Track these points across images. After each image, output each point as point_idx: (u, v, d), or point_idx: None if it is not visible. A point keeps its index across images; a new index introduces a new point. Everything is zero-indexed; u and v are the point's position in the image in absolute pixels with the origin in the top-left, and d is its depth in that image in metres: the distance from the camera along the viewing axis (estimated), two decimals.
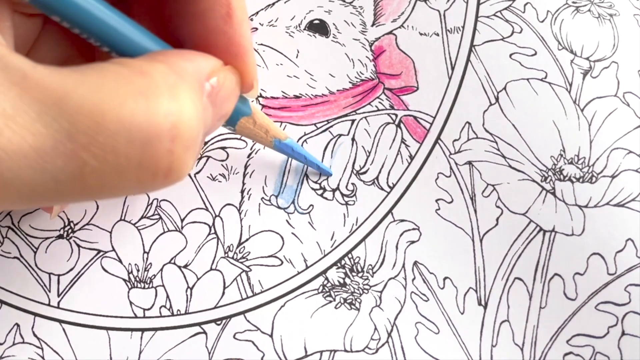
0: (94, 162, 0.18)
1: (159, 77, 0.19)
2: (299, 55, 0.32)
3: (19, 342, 0.29)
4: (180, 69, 0.20)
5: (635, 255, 0.29)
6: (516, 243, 0.30)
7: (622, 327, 0.29)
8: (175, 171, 0.19)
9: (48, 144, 0.17)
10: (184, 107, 0.19)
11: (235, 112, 0.26)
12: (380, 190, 0.31)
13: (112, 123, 0.17)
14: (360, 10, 0.32)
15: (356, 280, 0.30)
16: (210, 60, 0.22)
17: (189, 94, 0.19)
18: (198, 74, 0.21)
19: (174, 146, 0.19)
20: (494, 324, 0.29)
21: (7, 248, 0.30)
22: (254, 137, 0.28)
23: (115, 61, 0.19)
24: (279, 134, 0.29)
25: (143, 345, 0.29)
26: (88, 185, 0.18)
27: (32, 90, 0.17)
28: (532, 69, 0.31)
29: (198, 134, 0.20)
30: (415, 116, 0.31)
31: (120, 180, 0.18)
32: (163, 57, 0.20)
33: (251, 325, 0.30)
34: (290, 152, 0.29)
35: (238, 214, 0.31)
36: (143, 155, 0.18)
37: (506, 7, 0.32)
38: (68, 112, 0.17)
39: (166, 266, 0.30)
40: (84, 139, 0.17)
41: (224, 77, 0.23)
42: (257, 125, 0.28)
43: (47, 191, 0.18)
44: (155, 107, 0.18)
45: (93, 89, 0.18)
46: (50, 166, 0.17)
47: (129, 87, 0.18)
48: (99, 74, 0.18)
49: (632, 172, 0.30)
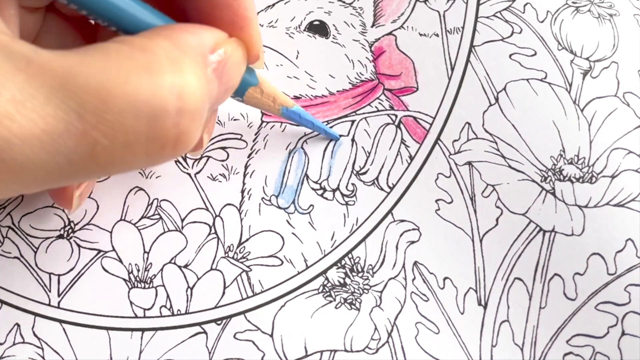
0: (104, 140, 0.18)
1: (161, 52, 0.19)
2: (298, 56, 0.32)
3: (19, 342, 0.29)
4: (183, 43, 0.20)
5: (635, 255, 0.29)
6: (516, 243, 0.30)
7: (622, 327, 0.29)
8: (183, 142, 0.20)
9: (59, 126, 0.17)
10: (187, 79, 0.19)
11: (242, 82, 0.26)
12: (380, 191, 0.31)
13: (118, 100, 0.18)
14: (360, 11, 0.32)
15: (356, 280, 0.30)
16: (214, 33, 0.22)
17: (192, 67, 0.20)
18: (201, 47, 0.21)
19: (180, 118, 0.19)
20: (494, 324, 0.29)
21: (7, 248, 0.30)
22: (261, 106, 0.28)
23: (117, 39, 0.20)
24: (287, 102, 0.29)
25: (143, 345, 0.29)
26: (100, 162, 0.18)
27: (38, 74, 0.17)
28: (531, 69, 0.31)
29: (203, 105, 0.20)
30: (415, 117, 0.31)
31: (130, 154, 0.19)
32: (166, 31, 0.21)
33: (251, 325, 0.30)
34: (297, 118, 0.30)
35: (238, 214, 0.31)
36: (150, 130, 0.19)
37: (506, 7, 0.32)
38: (75, 92, 0.18)
39: (166, 266, 0.30)
40: (93, 118, 0.18)
41: (230, 49, 0.23)
42: (264, 95, 0.28)
43: (61, 172, 0.18)
44: (159, 81, 0.19)
45: (97, 69, 0.18)
46: (63, 148, 0.18)
47: (131, 64, 0.18)
48: (102, 54, 0.19)
49: (632, 172, 0.30)
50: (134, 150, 0.19)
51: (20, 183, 0.18)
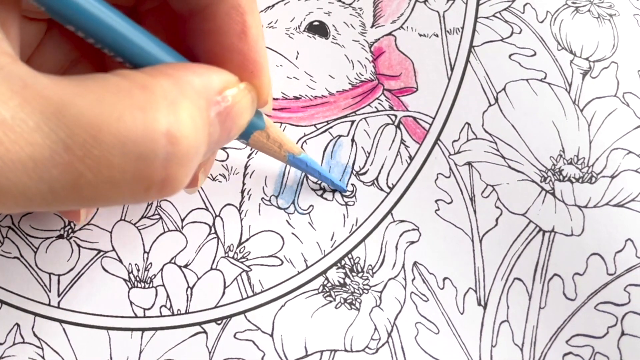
0: (88, 174, 0.18)
1: (159, 91, 0.19)
2: (298, 57, 0.32)
3: (19, 342, 0.29)
4: (185, 84, 0.20)
5: (634, 256, 0.29)
6: (516, 243, 0.30)
7: (621, 327, 0.29)
8: (169, 186, 0.20)
9: (45, 154, 0.17)
10: (182, 124, 0.19)
11: (249, 125, 0.25)
12: (380, 191, 0.31)
13: (108, 137, 0.18)
14: (359, 11, 0.32)
15: (356, 280, 0.30)
16: (224, 76, 0.22)
17: (189, 110, 0.19)
18: (205, 90, 0.21)
19: (169, 162, 0.19)
20: (494, 324, 0.29)
21: (7, 248, 0.30)
22: (267, 151, 0.28)
23: (118, 72, 0.19)
24: (293, 149, 0.28)
25: (143, 345, 0.29)
26: (82, 194, 0.18)
27: (32, 100, 0.17)
28: (531, 70, 0.31)
29: (196, 151, 0.20)
30: (414, 117, 0.31)
31: (114, 191, 0.19)
32: (171, 70, 0.20)
33: (252, 325, 0.30)
34: (304, 167, 0.29)
35: (238, 214, 0.31)
36: (137, 170, 0.18)
37: (505, 7, 0.32)
38: (66, 123, 0.17)
39: (166, 266, 0.30)
40: (80, 151, 0.17)
41: (238, 94, 0.22)
42: (270, 139, 0.27)
43: (43, 199, 0.18)
44: (152, 122, 0.18)
45: (92, 102, 0.18)
46: (46, 175, 0.17)
47: (128, 101, 0.18)
48: (99, 87, 0.18)
49: (632, 172, 0.30)
50: (118, 187, 0.19)
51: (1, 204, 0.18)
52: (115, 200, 0.19)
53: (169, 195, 0.20)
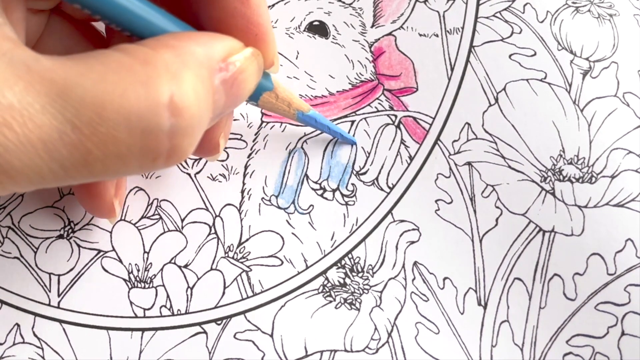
0: (97, 150, 0.18)
1: (161, 65, 0.19)
2: (298, 57, 0.32)
3: (19, 342, 0.29)
4: (187, 55, 0.20)
5: (634, 256, 0.29)
6: (516, 243, 0.30)
7: (621, 327, 0.29)
8: (176, 156, 0.20)
9: (53, 135, 0.18)
10: (184, 95, 0.19)
11: (257, 87, 0.26)
12: (380, 191, 0.31)
13: (113, 114, 0.18)
14: (359, 11, 0.32)
15: (356, 280, 0.30)
16: (227, 42, 0.22)
17: (191, 81, 0.20)
18: (208, 59, 0.21)
19: (174, 133, 0.19)
20: (494, 324, 0.29)
21: (7, 248, 0.30)
22: (276, 111, 0.28)
23: (120, 48, 0.20)
24: (302, 106, 0.29)
25: (143, 345, 0.29)
26: (93, 170, 0.19)
27: (36, 83, 0.18)
28: (531, 70, 0.31)
29: (200, 120, 0.20)
30: (414, 117, 0.31)
31: (122, 164, 0.19)
32: (173, 41, 0.21)
33: (251, 325, 0.30)
34: (313, 123, 0.30)
35: (238, 214, 0.31)
36: (143, 143, 0.19)
37: (506, 7, 0.32)
38: (71, 104, 0.18)
39: (166, 266, 0.30)
40: (87, 129, 0.18)
41: (244, 60, 0.23)
42: (279, 99, 0.27)
43: (55, 177, 0.19)
44: (154, 96, 0.19)
45: (95, 81, 0.18)
46: (56, 155, 0.18)
47: (130, 77, 0.19)
48: (102, 64, 0.19)
49: (632, 172, 0.30)
50: (126, 161, 0.19)
51: (16, 184, 0.18)
52: (125, 172, 0.20)
53: (177, 162, 0.21)
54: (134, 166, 0.20)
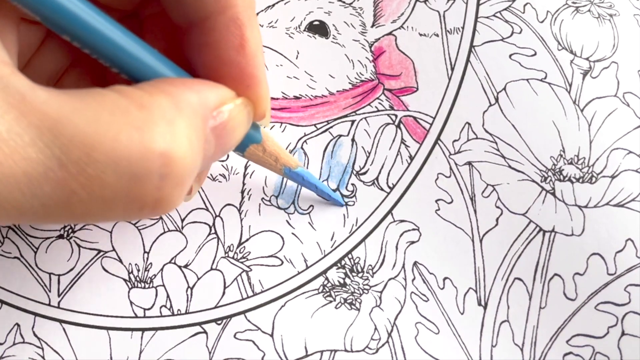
0: (81, 192, 0.18)
1: (157, 111, 0.19)
2: (298, 56, 0.32)
3: (19, 342, 0.29)
4: (182, 102, 0.20)
5: (635, 256, 0.29)
6: (516, 243, 0.30)
7: (622, 327, 0.29)
8: (163, 206, 0.20)
9: (39, 169, 0.17)
10: (178, 144, 0.19)
11: (245, 138, 0.25)
12: (380, 191, 0.31)
13: (103, 156, 0.18)
14: (360, 11, 0.32)
15: (356, 280, 0.30)
16: (220, 91, 0.22)
17: (186, 130, 0.19)
18: (202, 108, 0.21)
19: (163, 183, 0.19)
20: (494, 324, 0.29)
21: (7, 248, 0.30)
22: (263, 164, 0.28)
23: (116, 89, 0.19)
24: (289, 162, 0.28)
25: (143, 345, 0.29)
26: (75, 212, 0.18)
27: (29, 114, 0.17)
28: (531, 70, 0.31)
29: (191, 171, 0.20)
30: (415, 117, 0.31)
31: (107, 209, 0.19)
32: (169, 87, 0.20)
33: (252, 325, 0.30)
34: (300, 180, 0.29)
35: (238, 214, 0.31)
36: (130, 190, 0.18)
37: (506, 7, 0.32)
38: (61, 140, 0.17)
39: (166, 266, 0.30)
40: (74, 168, 0.17)
41: (234, 110, 0.22)
42: (266, 153, 0.27)
43: (34, 214, 0.18)
44: (148, 143, 0.18)
45: (88, 119, 0.18)
46: (39, 192, 0.17)
47: (125, 120, 0.18)
48: (97, 103, 0.18)
49: (632, 172, 0.30)
50: (111, 206, 0.19)
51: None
52: (107, 218, 0.19)
53: (163, 213, 0.20)
54: (118, 212, 0.19)
